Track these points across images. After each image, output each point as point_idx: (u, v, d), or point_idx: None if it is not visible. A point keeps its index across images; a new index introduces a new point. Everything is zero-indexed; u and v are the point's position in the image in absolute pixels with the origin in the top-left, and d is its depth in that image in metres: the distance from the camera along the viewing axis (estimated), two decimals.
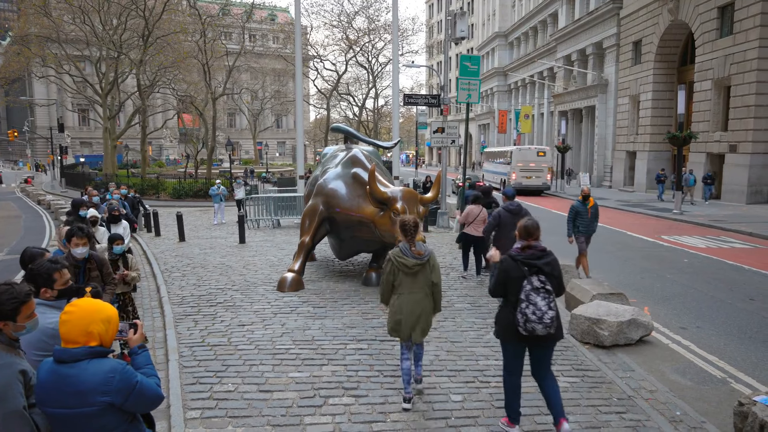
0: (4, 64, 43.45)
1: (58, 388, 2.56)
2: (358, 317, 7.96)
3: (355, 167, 9.91)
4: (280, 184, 26.48)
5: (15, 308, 2.70)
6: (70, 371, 2.54)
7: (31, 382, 2.71)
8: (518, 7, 57.43)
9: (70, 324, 2.59)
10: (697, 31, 27.05)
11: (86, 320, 2.59)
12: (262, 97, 63.03)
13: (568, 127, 40.67)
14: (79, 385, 2.53)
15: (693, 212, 21.74)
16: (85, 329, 2.58)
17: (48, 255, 4.21)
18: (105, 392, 2.54)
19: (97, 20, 33.32)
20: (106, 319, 2.65)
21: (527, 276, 4.46)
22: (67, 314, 2.61)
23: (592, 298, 8.06)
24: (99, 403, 2.55)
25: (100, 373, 2.55)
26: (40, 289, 3.40)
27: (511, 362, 4.72)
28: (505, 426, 4.83)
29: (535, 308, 4.37)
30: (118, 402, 2.58)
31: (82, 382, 2.53)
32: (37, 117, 75.22)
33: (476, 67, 15.03)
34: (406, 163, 79.80)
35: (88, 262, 5.42)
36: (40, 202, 29.83)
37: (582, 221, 10.63)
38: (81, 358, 2.56)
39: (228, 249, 13.90)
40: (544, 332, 4.41)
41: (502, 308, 4.72)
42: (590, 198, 10.68)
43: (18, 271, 12.02)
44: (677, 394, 5.64)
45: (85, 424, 2.58)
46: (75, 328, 2.58)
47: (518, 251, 4.60)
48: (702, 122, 26.83)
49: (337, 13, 44.62)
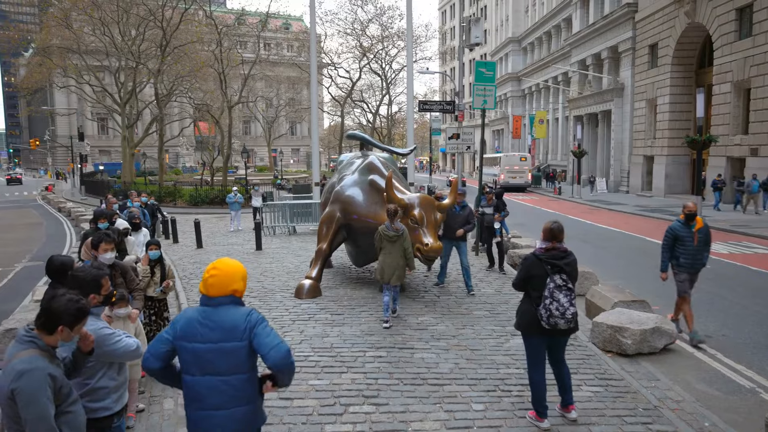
0: (26, 75, 44.24)
1: (203, 324, 2.97)
2: (376, 324, 7.92)
3: (371, 174, 9.91)
4: (295, 191, 26.56)
5: (78, 320, 2.89)
6: (214, 311, 2.99)
7: (62, 390, 2.78)
8: (531, 12, 57.28)
9: (217, 280, 3.00)
10: (715, 33, 26.74)
11: (229, 278, 3.02)
12: (276, 105, 63.43)
13: (584, 131, 40.41)
14: (222, 322, 2.96)
15: (713, 217, 21.42)
16: (228, 286, 3.01)
17: (77, 264, 4.27)
18: (245, 328, 2.95)
19: (117, 31, 33.85)
20: (243, 277, 3.10)
21: (550, 274, 4.86)
22: (212, 276, 3.00)
23: (613, 306, 7.95)
24: (239, 337, 2.94)
25: (239, 313, 3.00)
26: (88, 295, 3.46)
27: (533, 354, 5.09)
28: (534, 420, 5.09)
29: (558, 304, 4.77)
30: (250, 336, 2.96)
31: (225, 320, 2.97)
32: (58, 126, 76.43)
33: (492, 73, 14.96)
34: (420, 169, 79.77)
35: (112, 269, 5.41)
36: (61, 210, 30.23)
37: (684, 250, 7.59)
38: (225, 303, 3.01)
39: (245, 256, 13.95)
40: (565, 326, 4.84)
41: (524, 303, 5.10)
42: (697, 218, 7.63)
43: (40, 278, 12.18)
44: (705, 405, 5.52)
45: (220, 358, 2.95)
46: (220, 284, 3.00)
47: (542, 251, 4.97)
48: (722, 125, 26.47)
49: (350, 21, 44.56)
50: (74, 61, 37.40)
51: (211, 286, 3.00)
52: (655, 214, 23.58)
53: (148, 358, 3.04)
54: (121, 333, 3.49)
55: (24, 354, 2.76)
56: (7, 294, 11.62)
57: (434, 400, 5.52)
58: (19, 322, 7.01)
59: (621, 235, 18.29)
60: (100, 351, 3.29)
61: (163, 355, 3.03)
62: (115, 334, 3.42)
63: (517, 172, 40.58)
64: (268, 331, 2.97)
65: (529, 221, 22.20)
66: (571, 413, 5.17)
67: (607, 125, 40.10)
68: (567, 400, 5.20)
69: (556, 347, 5.14)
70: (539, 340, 5.02)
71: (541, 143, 55.70)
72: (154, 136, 42.45)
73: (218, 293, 3.00)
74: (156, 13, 31.81)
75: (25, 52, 62.93)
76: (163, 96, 36.10)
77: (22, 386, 2.65)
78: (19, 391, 2.65)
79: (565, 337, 5.11)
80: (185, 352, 2.98)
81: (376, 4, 68.54)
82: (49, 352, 2.84)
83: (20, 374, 2.67)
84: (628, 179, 36.58)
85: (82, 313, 2.90)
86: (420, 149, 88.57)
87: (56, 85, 45.07)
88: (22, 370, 2.68)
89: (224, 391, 2.97)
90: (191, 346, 2.96)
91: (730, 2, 25.51)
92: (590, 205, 29.04)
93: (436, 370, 6.28)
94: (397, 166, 12.45)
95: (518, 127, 54.14)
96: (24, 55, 64.65)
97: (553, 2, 51.06)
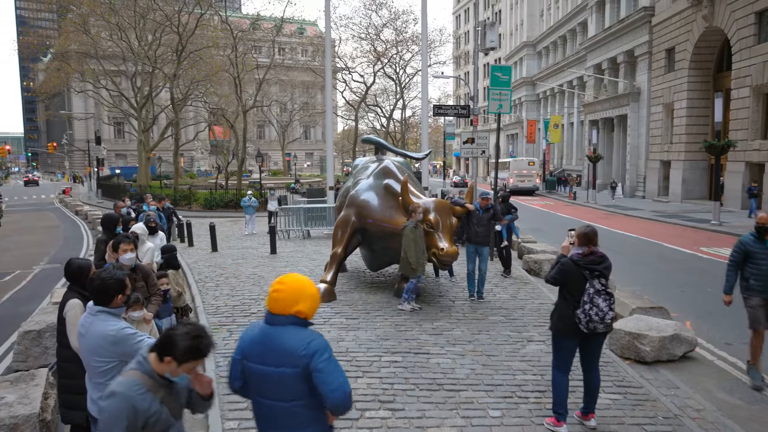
0: (45, 80, 44.93)
1: (262, 343, 2.81)
2: (391, 329, 7.90)
3: (387, 178, 9.90)
4: (309, 195, 26.60)
5: (188, 358, 2.62)
6: (274, 331, 2.81)
7: (147, 425, 2.58)
8: (546, 16, 57.06)
9: (281, 296, 2.80)
10: (734, 37, 26.44)
11: (295, 297, 2.80)
12: (290, 109, 63.75)
13: (599, 136, 40.13)
14: (281, 343, 2.77)
15: (732, 223, 21.13)
16: (292, 305, 2.79)
17: (93, 270, 4.30)
18: (302, 355, 2.73)
19: (133, 36, 34.28)
20: (312, 297, 2.85)
21: (589, 279, 4.90)
22: (276, 291, 2.82)
23: (631, 312, 7.86)
24: (293, 364, 2.73)
25: (299, 338, 2.77)
26: (116, 296, 3.48)
27: (563, 358, 5.10)
28: (552, 426, 5.05)
29: (598, 309, 4.81)
30: (309, 364, 2.72)
31: (283, 342, 2.77)
32: (75, 130, 77.35)
33: (507, 77, 14.89)
34: (434, 173, 79.66)
35: (133, 272, 5.38)
36: (78, 213, 30.59)
37: (757, 270, 6.15)
38: (285, 324, 2.80)
39: (260, 259, 13.99)
40: (603, 330, 4.91)
41: (560, 306, 5.11)
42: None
43: (58, 280, 12.33)
44: (726, 414, 5.43)
45: (278, 383, 2.77)
46: (284, 302, 2.80)
47: (579, 256, 4.98)
48: (740, 130, 26.14)
49: (365, 26, 44.67)
50: (92, 66, 37.91)
51: (274, 301, 2.82)
52: (673, 220, 23.31)
53: (231, 380, 2.95)
54: (143, 334, 3.51)
55: (127, 374, 2.64)
56: (26, 296, 11.75)
57: (451, 406, 5.48)
58: (38, 324, 7.09)
59: (638, 241, 18.10)
60: (119, 350, 3.32)
61: (239, 375, 2.90)
62: (137, 335, 3.43)
63: (526, 176, 42.21)
64: (331, 368, 2.73)
65: (545, 226, 22.07)
66: (590, 421, 5.12)
67: (622, 130, 39.78)
68: (589, 407, 5.16)
69: (592, 350, 5.13)
70: (573, 343, 5.06)
71: (555, 148, 55.37)
72: (169, 140, 42.91)
73: (280, 311, 2.80)
74: (172, 18, 32.16)
75: (43, 58, 63.92)
76: (179, 100, 36.45)
77: (104, 407, 2.55)
78: (101, 411, 2.58)
79: (601, 338, 5.10)
80: (248, 371, 2.86)
81: (391, 9, 68.72)
82: (155, 379, 2.64)
83: (110, 394, 2.57)
84: (645, 184, 36.23)
85: (195, 353, 2.63)
86: (434, 153, 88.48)
87: (74, 89, 45.78)
88: (112, 391, 2.57)
89: (284, 415, 2.81)
90: (252, 366, 2.83)
91: (749, 6, 25.22)
92: (606, 211, 28.80)
93: (452, 375, 6.24)
94: (412, 170, 12.43)
95: (532, 131, 53.89)
96: (42, 60, 65.67)
97: (568, 6, 50.84)
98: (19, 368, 6.61)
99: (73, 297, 4.18)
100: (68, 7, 37.16)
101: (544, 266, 11.82)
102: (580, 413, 5.21)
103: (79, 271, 4.25)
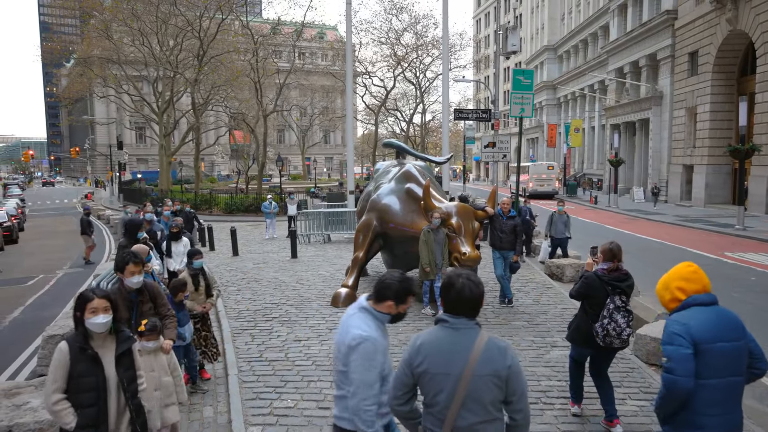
0: (68, 85, 45.77)
1: (719, 323, 3.09)
2: (413, 333, 7.86)
3: (408, 182, 9.89)
4: (329, 200, 26.68)
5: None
6: (723, 310, 3.16)
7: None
8: (567, 20, 56.71)
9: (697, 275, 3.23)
10: (758, 41, 25.99)
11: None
12: (310, 114, 64.06)
13: (621, 140, 39.71)
14: (735, 318, 3.14)
15: (756, 227, 20.74)
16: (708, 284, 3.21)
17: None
18: (743, 327, 3.12)
19: (155, 42, 34.72)
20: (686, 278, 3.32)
21: (610, 294, 4.98)
22: (696, 272, 3.30)
23: (656, 318, 7.75)
24: (742, 336, 3.09)
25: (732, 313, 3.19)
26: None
27: (579, 356, 5.38)
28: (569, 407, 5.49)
29: (616, 325, 4.91)
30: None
31: (733, 316, 3.15)
32: (98, 135, 78.63)
33: (529, 81, 14.84)
34: (453, 177, 79.47)
35: (140, 294, 4.81)
36: (100, 217, 30.97)
37: None
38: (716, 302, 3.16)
39: (280, 264, 14.06)
40: (620, 346, 5.02)
41: (580, 317, 5.26)
42: None
43: (82, 284, 12.50)
44: (756, 422, 5.31)
45: (739, 357, 3.06)
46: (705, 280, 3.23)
47: (604, 272, 5.08)
48: (765, 134, 25.63)
49: (385, 30, 44.66)
50: (114, 71, 38.49)
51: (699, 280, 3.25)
52: (696, 225, 22.94)
53: (687, 378, 3.03)
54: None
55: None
56: (50, 300, 11.92)
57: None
58: (62, 328, 7.11)
59: (661, 246, 17.84)
60: None
61: (691, 372, 3.04)
62: None
63: (545, 180, 42.13)
64: None
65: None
66: (616, 428, 5.08)
67: (644, 134, 39.31)
68: (611, 413, 5.16)
69: (603, 361, 5.28)
70: (588, 351, 5.26)
71: (576, 152, 54.92)
72: (190, 145, 43.32)
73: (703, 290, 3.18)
74: (193, 23, 32.53)
75: (66, 63, 64.94)
76: (200, 105, 36.83)
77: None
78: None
79: (613, 352, 5.24)
80: (710, 354, 3.01)
81: (411, 13, 68.70)
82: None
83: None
84: (667, 188, 35.73)
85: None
86: (454, 158, 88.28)
87: (96, 94, 46.41)
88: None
89: (739, 392, 3.07)
90: (710, 346, 3.01)
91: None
92: (627, 215, 28.45)
93: None
94: (433, 174, 12.41)
95: (553, 135, 53.52)
96: (65, 65, 66.74)
97: (590, 10, 50.47)
98: (44, 373, 6.69)
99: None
100: (91, 13, 37.78)
101: (567, 271, 11.71)
102: (605, 420, 5.18)
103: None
